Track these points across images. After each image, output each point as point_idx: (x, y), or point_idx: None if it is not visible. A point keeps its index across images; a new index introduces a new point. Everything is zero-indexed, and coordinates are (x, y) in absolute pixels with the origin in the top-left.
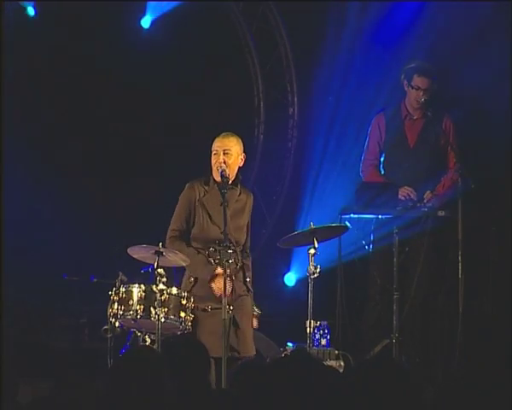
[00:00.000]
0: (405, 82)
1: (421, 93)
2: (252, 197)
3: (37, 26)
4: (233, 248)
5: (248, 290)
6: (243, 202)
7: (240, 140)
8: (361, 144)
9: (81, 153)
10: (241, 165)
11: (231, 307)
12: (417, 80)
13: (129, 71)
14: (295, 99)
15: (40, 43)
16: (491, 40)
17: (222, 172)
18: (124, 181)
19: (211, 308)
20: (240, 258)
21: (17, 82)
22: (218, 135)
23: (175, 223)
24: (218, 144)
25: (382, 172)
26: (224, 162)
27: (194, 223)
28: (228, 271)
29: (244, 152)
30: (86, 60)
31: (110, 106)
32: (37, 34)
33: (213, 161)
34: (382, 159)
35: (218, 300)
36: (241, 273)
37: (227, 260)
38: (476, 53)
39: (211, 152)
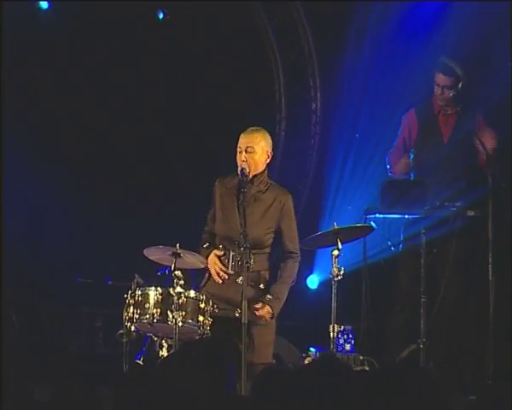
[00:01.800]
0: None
1: (441, 90)
2: (287, 197)
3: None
4: (245, 247)
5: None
6: (267, 200)
7: (266, 135)
8: (387, 141)
9: (96, 152)
10: (268, 161)
11: (239, 311)
12: (438, 77)
13: (146, 67)
14: (318, 94)
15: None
16: None
17: (242, 170)
18: (141, 181)
19: (219, 309)
20: (258, 260)
21: (26, 80)
22: (244, 130)
23: (206, 223)
24: (241, 141)
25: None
26: (246, 160)
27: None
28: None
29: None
30: (100, 55)
31: (126, 103)
32: (41, 32)
33: (237, 159)
34: (412, 156)
35: (228, 300)
36: (256, 277)
37: (238, 260)
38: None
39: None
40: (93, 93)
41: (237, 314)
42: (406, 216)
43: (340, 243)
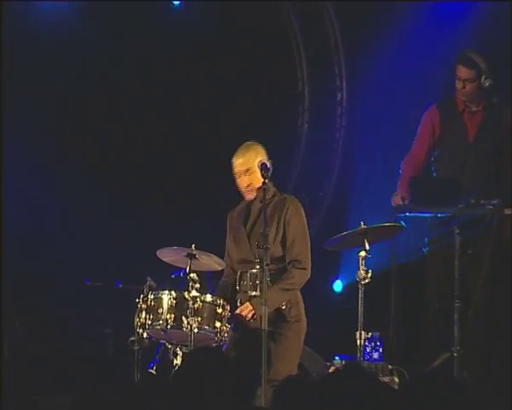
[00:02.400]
0: None
1: (462, 84)
2: (290, 202)
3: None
4: (258, 264)
5: (283, 317)
6: (275, 209)
7: (258, 149)
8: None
9: (105, 151)
10: (269, 170)
11: (260, 331)
12: (458, 70)
13: (163, 57)
14: (344, 83)
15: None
16: None
17: (262, 164)
18: (154, 179)
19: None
20: (275, 276)
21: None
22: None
23: (226, 253)
24: (236, 167)
25: (433, 170)
26: (250, 184)
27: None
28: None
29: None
30: (117, 56)
31: (136, 100)
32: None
33: (239, 185)
34: (436, 154)
35: (243, 323)
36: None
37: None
38: None
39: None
40: (102, 93)
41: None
42: (439, 214)
43: (367, 244)
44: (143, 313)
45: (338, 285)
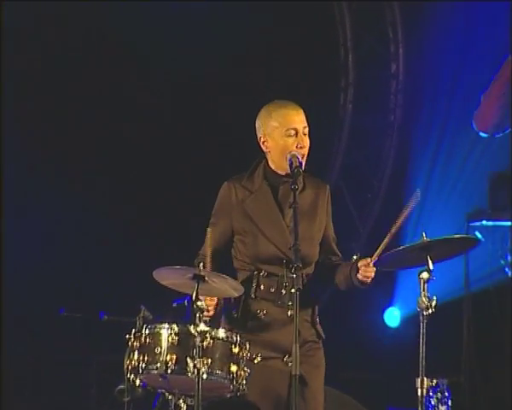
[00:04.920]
0: None
1: None
2: (327, 190)
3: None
4: (298, 269)
5: (319, 336)
6: (307, 199)
7: None
8: None
9: (91, 168)
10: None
11: (291, 359)
12: None
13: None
14: (400, 50)
15: None
16: None
17: (291, 159)
18: (154, 186)
19: (261, 357)
20: (306, 285)
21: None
22: (276, 104)
23: (208, 241)
24: (293, 119)
25: None
26: (305, 147)
27: (234, 239)
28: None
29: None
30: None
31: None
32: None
33: (290, 145)
34: None
35: (274, 345)
36: (309, 310)
37: (290, 289)
38: None
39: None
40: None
41: (289, 364)
42: None
43: (431, 263)
44: (136, 353)
45: (393, 317)
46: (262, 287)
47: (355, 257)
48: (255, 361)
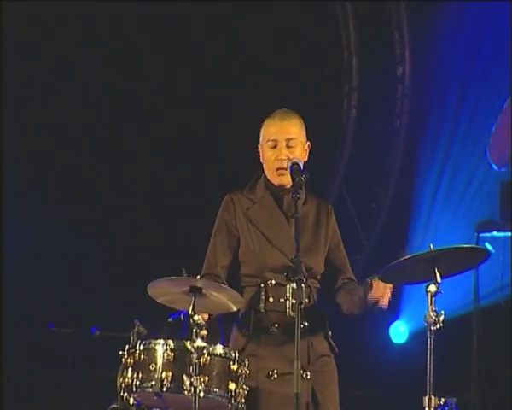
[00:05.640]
0: None
1: None
2: (330, 206)
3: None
4: (300, 281)
5: (332, 349)
6: (313, 213)
7: (302, 120)
8: None
9: (88, 179)
10: (305, 159)
11: (308, 374)
12: None
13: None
14: (406, 53)
15: None
16: None
17: (292, 166)
18: (149, 195)
19: (278, 374)
20: (315, 297)
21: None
22: (268, 115)
23: (211, 258)
24: (275, 130)
25: None
26: (288, 159)
27: (239, 250)
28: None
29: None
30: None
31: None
32: None
33: (270, 157)
34: None
35: (289, 359)
36: (321, 322)
37: (300, 301)
38: None
39: (260, 145)
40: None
41: (308, 376)
42: None
43: (438, 275)
44: (130, 370)
45: (398, 332)
46: (271, 299)
47: (369, 278)
48: (272, 378)
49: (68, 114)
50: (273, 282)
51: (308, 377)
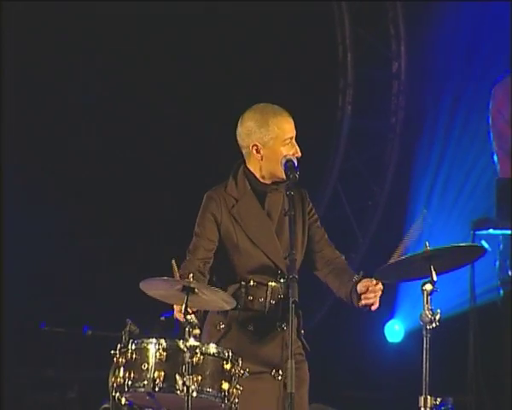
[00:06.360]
0: None
1: None
2: (304, 195)
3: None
4: (294, 280)
5: (304, 348)
6: (297, 205)
7: None
8: None
9: (83, 180)
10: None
11: (280, 373)
12: None
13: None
14: (402, 48)
15: None
16: None
17: (286, 162)
18: (141, 186)
19: (249, 372)
20: (295, 293)
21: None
22: (269, 110)
23: (194, 254)
24: (290, 127)
25: None
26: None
27: (223, 247)
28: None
29: None
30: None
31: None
32: None
33: (284, 153)
34: None
35: (263, 359)
36: (295, 321)
37: (294, 300)
38: None
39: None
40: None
41: (279, 378)
42: None
43: (434, 274)
44: (121, 369)
45: (394, 331)
46: (250, 297)
47: (356, 277)
48: (243, 377)
49: (68, 114)
50: (254, 281)
51: (279, 378)
